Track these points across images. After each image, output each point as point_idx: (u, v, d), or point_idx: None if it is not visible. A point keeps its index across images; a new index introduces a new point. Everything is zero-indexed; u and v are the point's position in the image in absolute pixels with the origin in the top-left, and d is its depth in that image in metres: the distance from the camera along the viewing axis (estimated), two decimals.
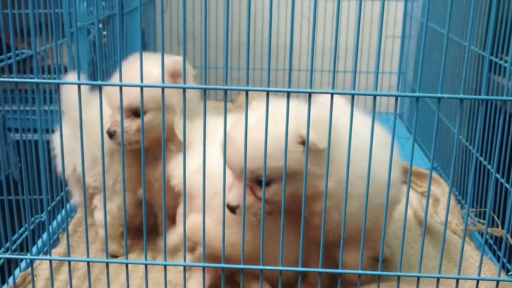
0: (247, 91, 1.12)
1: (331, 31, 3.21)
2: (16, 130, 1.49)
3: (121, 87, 1.15)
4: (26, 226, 1.56)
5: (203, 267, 1.28)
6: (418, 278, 1.25)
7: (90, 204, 1.70)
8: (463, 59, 2.10)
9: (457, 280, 1.26)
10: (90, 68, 2.02)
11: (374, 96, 1.13)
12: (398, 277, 1.26)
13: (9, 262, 1.39)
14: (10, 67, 1.47)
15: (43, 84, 1.26)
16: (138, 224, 1.75)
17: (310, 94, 1.12)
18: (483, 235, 1.32)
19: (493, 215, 1.81)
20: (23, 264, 1.61)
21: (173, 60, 1.53)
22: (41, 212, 1.70)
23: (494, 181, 1.23)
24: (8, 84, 1.53)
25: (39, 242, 1.70)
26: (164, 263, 1.25)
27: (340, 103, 1.42)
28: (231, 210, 1.26)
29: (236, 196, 1.26)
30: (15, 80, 1.18)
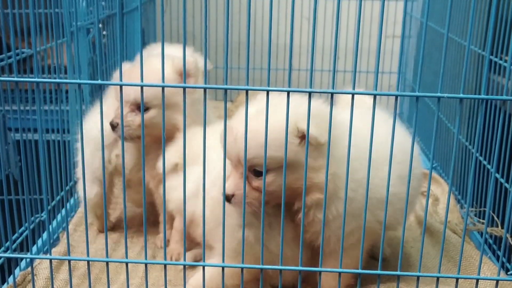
0: (247, 90, 1.12)
1: (331, 31, 3.21)
2: (16, 129, 1.49)
3: (121, 86, 1.15)
4: (26, 225, 1.56)
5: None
6: (418, 277, 1.25)
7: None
8: (462, 58, 2.10)
9: (456, 279, 1.26)
10: (89, 67, 2.02)
11: (374, 95, 1.13)
12: (398, 276, 1.26)
13: (9, 261, 1.39)
14: (10, 67, 1.47)
15: (43, 84, 1.26)
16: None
17: (310, 93, 1.12)
18: (482, 234, 1.32)
19: (492, 214, 1.81)
20: (23, 263, 1.61)
21: (182, 59, 1.55)
22: (41, 212, 1.70)
23: (494, 180, 1.23)
24: (9, 84, 1.54)
25: (39, 242, 1.70)
26: (164, 262, 1.25)
27: (367, 102, 1.40)
28: (227, 199, 1.25)
29: (232, 185, 1.25)
30: (15, 79, 1.18)
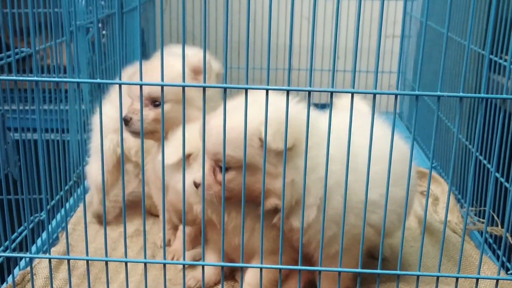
0: (247, 89, 1.12)
1: (331, 31, 3.21)
2: (16, 129, 1.49)
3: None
4: (25, 225, 1.56)
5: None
6: (418, 276, 1.25)
7: None
8: (462, 58, 2.10)
9: (456, 278, 1.26)
10: (89, 67, 2.02)
11: (374, 94, 1.13)
12: (398, 275, 1.26)
13: (8, 260, 1.39)
14: (9, 66, 1.46)
15: (43, 83, 1.26)
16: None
17: (309, 92, 1.12)
18: (482, 234, 1.32)
19: (492, 214, 1.81)
20: (23, 262, 1.61)
21: (196, 56, 1.56)
22: (40, 211, 1.70)
23: (494, 180, 1.23)
24: (8, 83, 1.54)
25: (39, 241, 1.70)
26: (164, 261, 1.25)
27: (362, 110, 1.38)
28: (195, 186, 1.32)
29: (201, 175, 1.27)
30: (15, 78, 1.17)
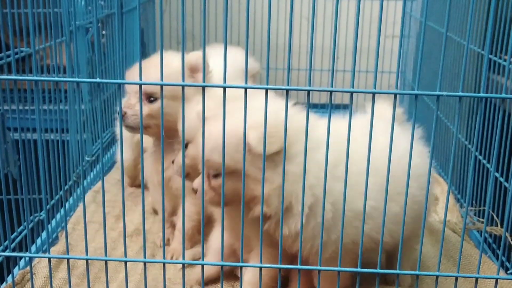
0: (246, 88, 1.12)
1: (330, 31, 3.21)
2: (15, 129, 1.49)
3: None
4: (25, 224, 1.56)
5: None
6: (417, 276, 1.25)
7: None
8: (462, 58, 2.10)
9: (456, 278, 1.26)
10: (88, 67, 2.02)
11: (373, 93, 1.13)
12: (397, 275, 1.26)
13: (8, 260, 1.39)
14: (9, 67, 1.46)
15: (42, 83, 1.26)
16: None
17: (309, 92, 1.12)
18: (482, 233, 1.31)
19: (492, 213, 1.81)
20: (22, 262, 1.62)
21: (194, 54, 1.56)
22: (40, 211, 1.70)
23: (493, 179, 1.23)
24: (8, 83, 1.53)
25: (38, 241, 1.70)
26: (163, 261, 1.25)
27: (386, 115, 1.30)
28: (193, 190, 1.32)
29: (198, 181, 1.29)
30: (14, 77, 1.17)
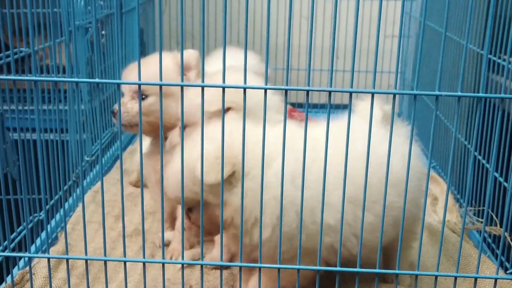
0: (245, 88, 1.12)
1: (330, 31, 3.21)
2: (15, 129, 1.49)
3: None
4: (24, 224, 1.56)
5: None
6: (416, 276, 1.25)
7: None
8: (461, 58, 2.10)
9: (455, 278, 1.26)
10: (88, 67, 2.02)
11: (372, 93, 1.13)
12: (396, 275, 1.26)
13: (7, 260, 1.39)
14: (8, 67, 1.46)
15: (42, 83, 1.26)
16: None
17: (308, 92, 1.12)
18: (481, 233, 1.32)
19: (491, 213, 1.81)
20: (22, 262, 1.62)
21: (185, 52, 1.56)
22: (39, 211, 1.70)
23: (492, 179, 1.23)
24: (7, 83, 1.53)
25: (38, 241, 1.70)
26: (162, 261, 1.25)
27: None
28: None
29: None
30: (14, 78, 1.17)
